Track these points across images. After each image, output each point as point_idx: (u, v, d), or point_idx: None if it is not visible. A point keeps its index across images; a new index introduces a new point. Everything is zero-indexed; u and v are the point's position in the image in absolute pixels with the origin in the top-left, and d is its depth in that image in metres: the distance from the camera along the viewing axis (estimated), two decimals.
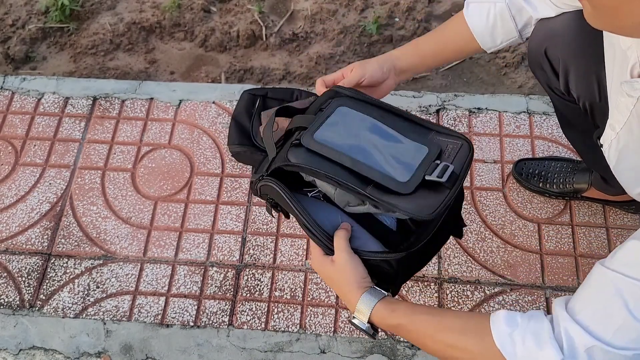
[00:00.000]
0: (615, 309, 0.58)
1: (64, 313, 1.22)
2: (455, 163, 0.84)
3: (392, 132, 0.87)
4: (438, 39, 1.01)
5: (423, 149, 0.85)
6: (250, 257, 1.27)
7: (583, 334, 0.59)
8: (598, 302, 0.60)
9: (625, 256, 0.59)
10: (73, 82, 1.54)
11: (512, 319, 0.65)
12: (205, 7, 1.76)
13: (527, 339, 0.62)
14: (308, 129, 0.87)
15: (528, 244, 1.26)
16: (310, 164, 0.83)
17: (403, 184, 0.81)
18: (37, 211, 1.33)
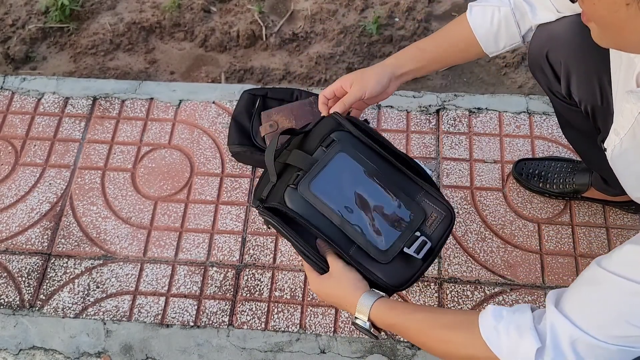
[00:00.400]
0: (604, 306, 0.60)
1: (64, 313, 1.22)
2: (434, 235, 0.92)
3: (383, 191, 0.94)
4: (440, 43, 1.00)
5: (407, 214, 0.93)
6: (250, 257, 1.27)
7: (569, 326, 0.61)
8: (589, 298, 0.62)
9: (622, 258, 0.61)
10: (73, 82, 1.54)
11: (498, 313, 0.68)
12: (205, 7, 1.76)
13: (510, 330, 0.65)
14: (306, 176, 0.93)
15: (528, 244, 1.26)
16: (303, 213, 0.91)
17: (382, 252, 0.90)
18: (37, 211, 1.34)
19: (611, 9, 0.55)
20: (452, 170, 1.36)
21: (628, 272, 0.59)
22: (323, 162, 0.94)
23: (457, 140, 1.40)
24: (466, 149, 1.39)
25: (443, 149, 1.39)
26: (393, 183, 0.95)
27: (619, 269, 0.60)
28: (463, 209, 1.31)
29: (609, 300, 0.60)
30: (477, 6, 0.96)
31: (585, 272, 0.65)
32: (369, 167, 0.95)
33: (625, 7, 0.53)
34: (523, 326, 0.65)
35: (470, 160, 1.38)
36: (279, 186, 0.95)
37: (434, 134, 1.41)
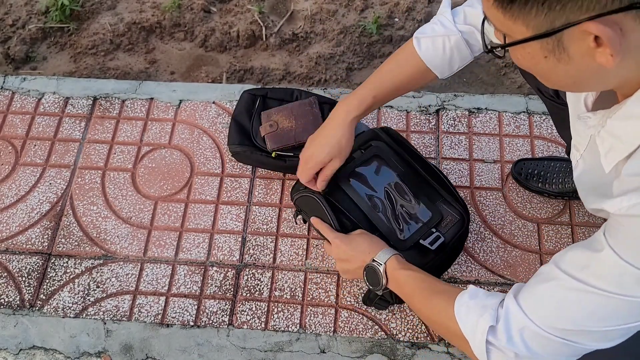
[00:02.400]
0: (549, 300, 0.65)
1: (64, 313, 1.22)
2: (447, 234, 1.08)
3: (408, 192, 1.11)
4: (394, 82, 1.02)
5: (427, 213, 1.10)
6: (250, 257, 1.27)
7: (520, 314, 0.67)
8: (539, 291, 0.66)
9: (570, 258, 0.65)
10: (73, 82, 1.54)
11: (475, 293, 0.76)
12: (205, 7, 1.76)
13: (476, 308, 0.72)
14: (345, 168, 1.10)
15: (528, 244, 1.27)
16: (337, 197, 1.09)
17: (401, 241, 1.06)
18: (38, 211, 1.34)
19: (532, 62, 0.59)
20: (451, 170, 1.36)
21: (577, 273, 0.63)
22: (360, 160, 1.13)
23: (457, 140, 1.40)
24: (466, 149, 1.39)
25: (443, 149, 1.39)
26: (418, 188, 1.11)
27: (570, 269, 0.64)
28: None
29: (559, 296, 0.64)
30: (425, 38, 0.98)
31: (542, 268, 0.69)
32: (398, 171, 1.13)
33: (544, 59, 0.57)
34: (487, 307, 0.71)
35: (470, 160, 1.38)
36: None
37: (433, 134, 1.41)
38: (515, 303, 0.68)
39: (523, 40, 0.56)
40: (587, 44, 0.53)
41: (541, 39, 0.54)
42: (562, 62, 0.56)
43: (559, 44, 0.54)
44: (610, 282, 0.59)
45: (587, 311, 0.62)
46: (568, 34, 0.53)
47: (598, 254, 0.61)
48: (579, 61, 0.55)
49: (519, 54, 0.60)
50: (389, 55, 1.65)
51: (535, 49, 0.56)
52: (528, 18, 0.54)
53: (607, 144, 0.64)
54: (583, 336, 0.63)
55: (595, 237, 0.63)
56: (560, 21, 0.52)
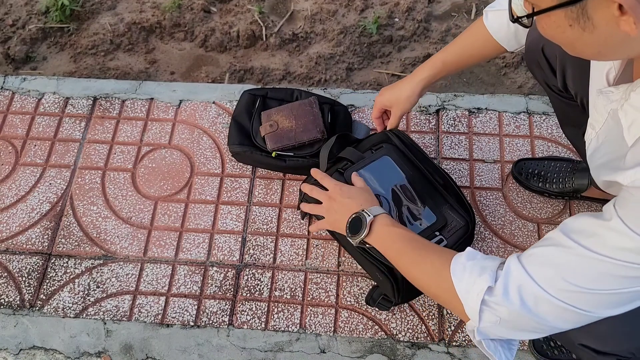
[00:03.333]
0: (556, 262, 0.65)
1: (64, 313, 1.22)
2: (450, 239, 1.08)
3: (415, 195, 1.12)
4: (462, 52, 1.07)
5: (432, 217, 1.10)
6: (250, 257, 1.27)
7: (521, 272, 0.67)
8: (545, 253, 0.67)
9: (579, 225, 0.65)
10: (73, 82, 1.54)
11: (473, 255, 0.75)
12: (205, 7, 1.76)
13: (475, 269, 0.71)
14: (354, 165, 1.14)
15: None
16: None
17: None
18: (38, 211, 1.34)
19: (558, 30, 0.60)
20: (452, 170, 1.36)
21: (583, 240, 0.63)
22: (370, 159, 1.16)
23: (457, 140, 1.40)
24: (466, 149, 1.39)
25: (443, 149, 1.39)
26: (425, 192, 1.13)
27: (576, 236, 0.64)
28: None
29: (562, 258, 0.64)
30: (492, 11, 1.00)
31: (549, 234, 0.69)
32: (407, 174, 1.15)
33: (569, 28, 0.58)
34: (486, 268, 0.71)
35: (470, 160, 1.38)
36: (327, 174, 1.11)
37: (433, 134, 1.41)
38: (517, 262, 0.68)
39: (547, 9, 0.57)
40: (611, 12, 0.53)
41: (565, 8, 0.55)
42: (587, 30, 0.57)
43: (583, 13, 0.55)
44: (617, 250, 0.60)
45: (591, 275, 0.62)
46: (592, 2, 0.53)
47: (607, 222, 0.61)
48: (603, 29, 0.56)
49: (544, 23, 0.60)
50: (389, 55, 1.66)
51: (560, 17, 0.57)
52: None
53: (630, 117, 0.65)
54: (585, 299, 0.63)
55: (605, 208, 0.64)
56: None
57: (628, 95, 0.65)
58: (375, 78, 1.63)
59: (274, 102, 1.39)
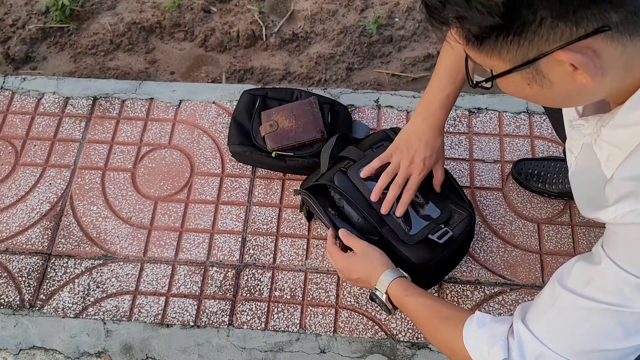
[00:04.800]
0: (563, 323, 0.63)
1: (64, 313, 1.22)
2: (455, 229, 1.08)
3: (418, 191, 1.08)
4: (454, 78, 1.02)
5: (436, 211, 1.10)
6: (250, 257, 1.27)
7: (534, 341, 0.65)
8: (549, 314, 0.65)
9: (574, 275, 0.64)
10: (73, 82, 1.54)
11: (482, 320, 0.74)
12: (205, 7, 1.76)
13: (485, 338, 0.70)
14: (357, 163, 1.12)
15: (528, 244, 1.27)
16: (348, 191, 1.09)
17: (410, 235, 1.06)
18: (37, 211, 1.34)
19: (518, 89, 0.60)
20: (452, 170, 1.36)
21: (581, 289, 0.62)
22: (371, 157, 1.12)
23: (457, 140, 1.40)
24: (466, 149, 1.39)
25: None
26: (427, 188, 1.11)
27: (573, 286, 0.63)
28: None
29: (568, 318, 0.63)
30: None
31: (546, 288, 0.68)
32: None
33: (528, 87, 0.58)
34: (497, 335, 0.69)
35: (470, 160, 1.38)
36: (329, 173, 1.13)
37: None
38: (526, 330, 0.66)
39: (502, 74, 0.57)
40: (564, 68, 0.54)
41: (519, 70, 0.56)
42: (545, 87, 0.57)
43: (538, 72, 0.56)
44: (614, 294, 0.59)
45: (599, 330, 0.60)
46: (544, 63, 0.54)
47: (598, 266, 0.60)
48: (561, 85, 0.56)
49: (504, 84, 0.61)
50: (389, 55, 1.66)
51: (517, 79, 0.58)
52: (501, 54, 0.55)
53: (606, 152, 0.65)
54: (601, 357, 0.62)
55: (594, 249, 0.63)
56: (532, 53, 0.53)
57: (599, 130, 0.65)
58: (375, 78, 1.63)
59: (274, 102, 1.39)
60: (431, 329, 0.85)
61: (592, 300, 0.60)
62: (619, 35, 0.51)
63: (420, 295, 0.90)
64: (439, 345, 0.83)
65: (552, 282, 0.66)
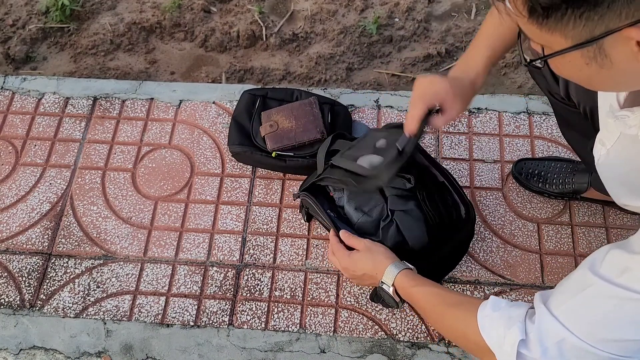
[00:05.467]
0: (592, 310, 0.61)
1: (64, 313, 1.22)
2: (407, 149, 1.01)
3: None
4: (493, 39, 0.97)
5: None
6: (250, 257, 1.27)
7: (557, 326, 0.63)
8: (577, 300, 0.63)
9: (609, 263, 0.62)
10: (73, 82, 1.54)
11: (497, 304, 0.73)
12: (206, 7, 1.76)
13: (502, 320, 0.69)
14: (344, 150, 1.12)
15: (528, 244, 1.27)
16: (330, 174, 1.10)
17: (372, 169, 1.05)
18: (38, 211, 1.34)
19: (574, 69, 0.58)
20: (452, 170, 1.36)
21: (616, 278, 0.60)
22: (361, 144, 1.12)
23: (457, 140, 1.40)
24: (466, 149, 1.39)
25: (443, 149, 1.39)
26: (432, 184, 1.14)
27: (607, 274, 0.61)
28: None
29: (597, 305, 0.61)
30: None
31: (574, 274, 0.66)
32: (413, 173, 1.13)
33: (586, 66, 0.56)
34: (514, 318, 0.68)
35: (470, 160, 1.38)
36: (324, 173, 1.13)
37: (433, 134, 1.41)
38: (548, 313, 0.65)
39: (563, 51, 0.55)
40: (629, 48, 0.52)
41: (582, 48, 0.53)
42: (605, 67, 0.55)
43: (601, 51, 0.53)
44: None
45: (631, 319, 0.59)
46: (609, 41, 0.52)
47: (637, 255, 0.58)
48: (622, 65, 0.54)
49: (559, 63, 0.59)
50: (389, 55, 1.66)
51: (576, 57, 0.55)
52: (566, 30, 0.52)
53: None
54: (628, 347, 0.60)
55: (633, 238, 0.61)
56: (600, 29, 0.51)
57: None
58: (375, 78, 1.63)
59: (274, 102, 1.39)
60: (441, 315, 0.83)
61: (626, 289, 0.58)
62: None
63: (429, 285, 0.90)
64: (450, 331, 0.81)
65: (583, 268, 0.65)
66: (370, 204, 1.13)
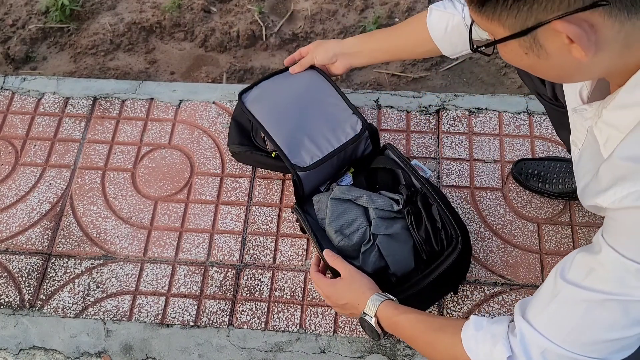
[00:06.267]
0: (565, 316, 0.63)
1: (64, 313, 1.22)
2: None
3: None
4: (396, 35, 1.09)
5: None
6: (250, 257, 1.27)
7: (537, 337, 0.64)
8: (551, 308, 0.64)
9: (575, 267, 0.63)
10: (73, 82, 1.54)
11: (479, 323, 0.73)
12: (205, 7, 1.76)
13: (486, 339, 0.70)
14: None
15: (528, 244, 1.27)
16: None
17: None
18: (38, 211, 1.34)
19: (516, 58, 0.61)
20: (452, 170, 1.36)
21: (582, 281, 0.61)
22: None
23: (457, 140, 1.40)
24: (466, 149, 1.39)
25: (443, 149, 1.39)
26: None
27: (574, 279, 0.62)
28: (463, 209, 1.31)
29: (570, 311, 0.62)
30: (437, 10, 1.01)
31: (547, 281, 0.67)
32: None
33: (525, 56, 0.59)
34: (497, 335, 0.69)
35: (470, 160, 1.38)
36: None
37: (433, 134, 1.41)
38: (528, 325, 0.66)
39: (501, 40, 0.58)
40: (561, 40, 0.54)
41: (517, 38, 0.56)
42: (541, 57, 0.57)
43: (535, 42, 0.56)
44: (615, 283, 0.58)
45: (602, 321, 0.60)
46: (542, 32, 0.54)
47: (598, 255, 0.60)
48: (557, 56, 0.57)
49: (503, 51, 0.62)
50: None
51: (515, 46, 0.58)
52: (501, 19, 0.55)
53: (605, 134, 0.65)
54: (607, 348, 0.61)
55: (594, 239, 0.62)
56: (531, 21, 0.54)
57: (600, 112, 0.65)
58: (375, 78, 1.63)
59: None
60: (428, 341, 0.83)
61: (593, 291, 0.60)
62: (617, 12, 0.51)
63: (411, 312, 0.88)
64: (439, 356, 0.81)
65: (554, 275, 0.66)
66: (352, 227, 1.10)
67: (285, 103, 1.22)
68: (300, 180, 1.15)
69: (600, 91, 0.70)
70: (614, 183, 0.57)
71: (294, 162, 1.14)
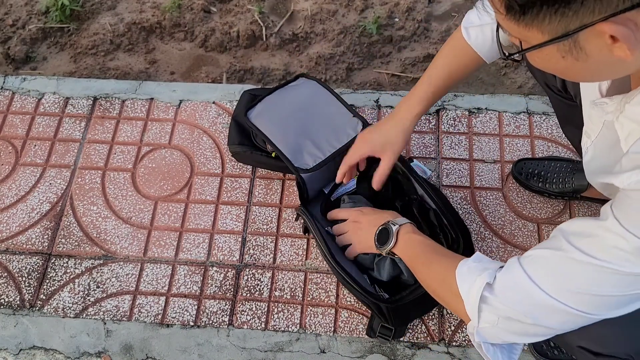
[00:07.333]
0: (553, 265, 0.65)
1: (64, 313, 1.22)
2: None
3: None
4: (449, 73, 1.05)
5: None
6: (250, 257, 1.27)
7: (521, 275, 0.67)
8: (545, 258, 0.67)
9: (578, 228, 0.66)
10: (73, 82, 1.54)
11: (480, 258, 0.77)
12: (205, 7, 1.76)
13: (477, 269, 0.74)
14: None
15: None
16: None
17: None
18: (38, 211, 1.34)
19: (551, 62, 0.60)
20: (452, 170, 1.36)
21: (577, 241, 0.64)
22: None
23: (457, 140, 1.40)
24: (466, 149, 1.39)
25: (443, 149, 1.39)
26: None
27: (574, 238, 0.64)
28: (463, 209, 1.31)
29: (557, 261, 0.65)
30: (473, 28, 0.99)
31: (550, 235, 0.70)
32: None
33: (562, 59, 0.58)
34: (488, 269, 0.73)
35: (470, 160, 1.38)
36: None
37: (434, 134, 1.41)
38: (517, 262, 0.69)
39: (539, 45, 0.57)
40: (603, 41, 0.53)
41: (558, 42, 0.55)
42: (580, 60, 0.57)
43: (576, 45, 0.55)
44: (613, 252, 0.60)
45: (588, 279, 0.62)
46: (584, 35, 0.54)
47: (603, 222, 0.62)
48: (597, 57, 0.56)
49: (536, 57, 0.61)
50: (389, 55, 1.66)
51: (552, 51, 0.57)
52: (542, 25, 0.54)
53: (627, 129, 0.65)
54: (584, 301, 0.63)
55: (603, 209, 0.64)
56: (574, 24, 0.53)
57: (622, 107, 0.66)
58: (375, 78, 1.63)
59: None
60: (426, 263, 0.88)
61: (585, 253, 0.62)
62: None
63: (428, 238, 0.96)
64: (431, 276, 0.85)
65: (556, 230, 0.68)
66: None
67: (288, 113, 1.25)
68: (303, 182, 1.16)
69: (619, 85, 0.70)
70: (633, 168, 0.60)
71: (297, 165, 1.17)
